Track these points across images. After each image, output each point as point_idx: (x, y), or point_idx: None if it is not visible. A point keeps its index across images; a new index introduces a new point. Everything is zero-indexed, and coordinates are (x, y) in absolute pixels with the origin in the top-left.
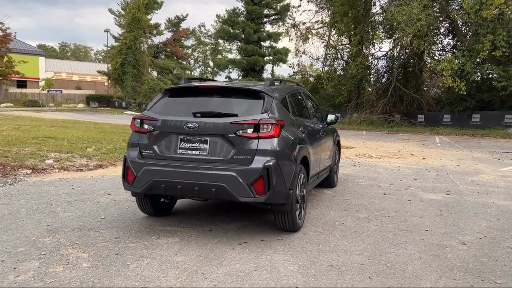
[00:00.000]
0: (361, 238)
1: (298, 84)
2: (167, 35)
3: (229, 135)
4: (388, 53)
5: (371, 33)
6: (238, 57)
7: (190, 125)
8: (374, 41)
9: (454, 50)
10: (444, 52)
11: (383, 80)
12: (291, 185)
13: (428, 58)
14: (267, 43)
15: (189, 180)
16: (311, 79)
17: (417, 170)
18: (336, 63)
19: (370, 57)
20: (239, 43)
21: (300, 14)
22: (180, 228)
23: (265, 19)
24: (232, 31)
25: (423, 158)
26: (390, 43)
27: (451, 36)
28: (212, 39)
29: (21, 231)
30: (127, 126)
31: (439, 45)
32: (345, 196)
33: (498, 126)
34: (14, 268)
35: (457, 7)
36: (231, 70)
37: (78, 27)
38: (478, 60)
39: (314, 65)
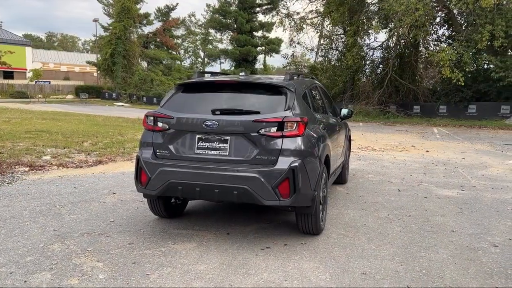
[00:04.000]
0: (387, 241)
1: (313, 77)
2: (156, 25)
3: (252, 134)
4: (384, 43)
5: (366, 23)
6: (230, 47)
7: (209, 123)
8: (370, 31)
9: (449, 40)
10: (439, 43)
11: (378, 71)
12: (316, 186)
13: (423, 48)
14: (259, 33)
15: (209, 182)
16: (306, 70)
17: (424, 164)
18: (330, 53)
19: (365, 48)
20: (231, 33)
21: (293, 4)
22: (195, 231)
23: (258, 9)
24: (224, 20)
25: (427, 151)
26: (385, 33)
27: (446, 26)
28: (202, 29)
29: (26, 237)
30: (120, 118)
31: (434, 36)
32: (359, 193)
33: (494, 117)
34: (25, 281)
35: None
36: (223, 61)
37: (65, 15)
38: (474, 50)
39: (304, 56)
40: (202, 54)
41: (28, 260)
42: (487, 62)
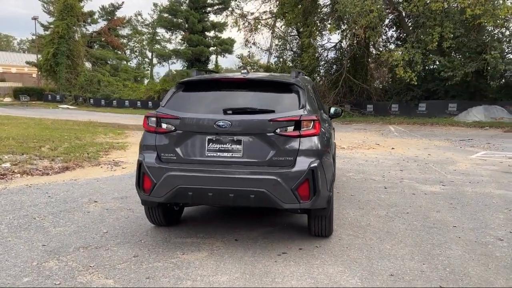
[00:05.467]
0: (399, 240)
1: (305, 75)
2: (101, 24)
3: (267, 134)
4: (337, 44)
5: (320, 25)
6: (181, 47)
7: (221, 123)
8: (324, 32)
9: (398, 42)
10: (388, 44)
11: (332, 71)
12: (331, 187)
13: (374, 49)
14: (211, 33)
15: (223, 186)
16: (261, 70)
17: (396, 160)
18: (285, 54)
19: (319, 49)
20: (183, 33)
21: (246, 4)
22: (200, 239)
23: (209, 9)
24: (175, 20)
25: (392, 148)
26: (338, 34)
27: (394, 28)
28: (149, 29)
29: (14, 254)
30: (70, 121)
31: (384, 37)
32: (349, 192)
33: (443, 115)
34: None
35: (401, 0)
36: (174, 61)
37: None
38: (424, 51)
39: (254, 57)
40: (149, 54)
41: (26, 282)
42: (434, 62)
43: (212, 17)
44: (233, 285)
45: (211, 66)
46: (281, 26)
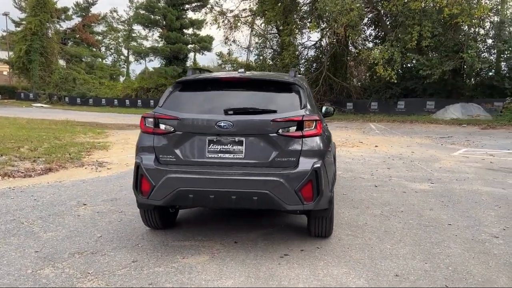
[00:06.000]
0: (398, 239)
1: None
2: (75, 20)
3: (270, 135)
4: (317, 42)
5: (300, 23)
6: (159, 44)
7: (223, 124)
8: (304, 30)
9: (376, 40)
10: (366, 42)
11: (312, 69)
12: (332, 187)
13: (353, 48)
14: (190, 31)
15: (225, 188)
16: (241, 67)
17: (381, 158)
18: (265, 52)
19: (299, 47)
20: (160, 30)
21: (225, 1)
22: (199, 242)
23: (187, 6)
24: (152, 17)
25: (376, 146)
26: (318, 32)
27: (373, 26)
28: (125, 26)
29: (6, 262)
30: (46, 121)
31: (363, 35)
32: (340, 191)
33: (422, 112)
34: None
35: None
36: (152, 58)
37: None
38: (403, 49)
39: (232, 54)
40: (125, 51)
41: None
42: (412, 60)
43: (191, 14)
44: None
45: (189, 63)
46: (260, 24)
